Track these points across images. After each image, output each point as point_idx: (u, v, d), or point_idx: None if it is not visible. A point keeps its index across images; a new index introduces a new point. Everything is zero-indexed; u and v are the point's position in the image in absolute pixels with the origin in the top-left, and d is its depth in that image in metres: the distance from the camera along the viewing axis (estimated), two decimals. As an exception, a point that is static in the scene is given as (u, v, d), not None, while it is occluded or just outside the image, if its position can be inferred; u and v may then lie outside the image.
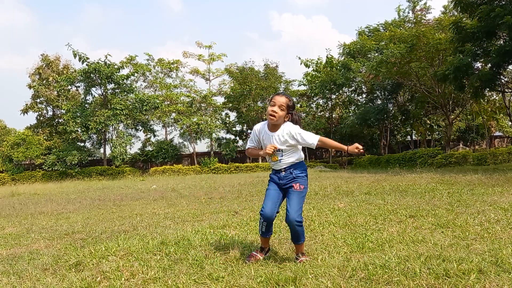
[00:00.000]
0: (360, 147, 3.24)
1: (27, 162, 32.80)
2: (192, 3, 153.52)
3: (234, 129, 36.97)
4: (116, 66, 30.31)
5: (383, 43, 27.87)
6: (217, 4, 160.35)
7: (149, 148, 36.55)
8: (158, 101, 32.28)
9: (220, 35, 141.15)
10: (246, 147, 3.61)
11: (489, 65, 17.35)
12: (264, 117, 34.06)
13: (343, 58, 32.41)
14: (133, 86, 33.12)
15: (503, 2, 16.03)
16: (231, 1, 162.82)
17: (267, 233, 3.43)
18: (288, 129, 3.38)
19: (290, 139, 3.35)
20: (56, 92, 32.68)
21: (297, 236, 3.35)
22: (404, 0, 46.77)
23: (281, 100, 3.34)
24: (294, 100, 3.42)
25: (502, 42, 17.17)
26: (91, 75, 29.45)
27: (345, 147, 3.33)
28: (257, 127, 3.54)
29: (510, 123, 34.05)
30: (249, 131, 37.30)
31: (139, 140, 37.62)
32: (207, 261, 3.44)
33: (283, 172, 3.41)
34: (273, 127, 3.42)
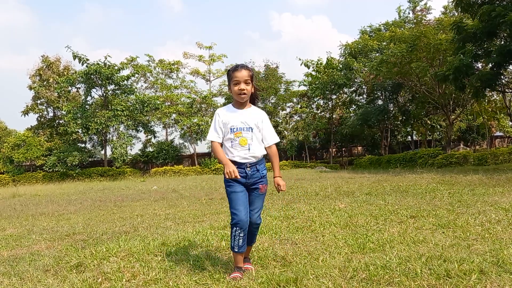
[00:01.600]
0: (283, 189, 3.14)
1: (28, 163, 32.86)
2: (192, 3, 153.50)
3: (234, 129, 36.95)
4: (116, 67, 30.36)
5: (384, 43, 27.90)
6: (217, 4, 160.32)
7: (149, 149, 36.60)
8: (158, 102, 32.32)
9: (220, 35, 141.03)
10: (210, 139, 3.13)
11: (490, 65, 17.33)
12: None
13: (344, 58, 32.43)
14: (134, 87, 33.17)
15: (504, 2, 16.02)
16: (231, 1, 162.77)
17: (243, 246, 3.01)
18: (262, 114, 3.20)
19: (259, 122, 3.14)
20: (56, 93, 32.72)
21: (253, 238, 3.24)
22: (405, 0, 46.83)
23: (244, 74, 3.05)
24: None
25: (502, 42, 17.16)
26: (91, 76, 29.51)
27: (277, 173, 3.20)
28: (221, 110, 3.15)
29: (510, 123, 34.02)
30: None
31: (140, 141, 37.69)
32: (208, 262, 3.44)
33: (249, 169, 3.07)
34: (240, 105, 3.14)
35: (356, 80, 31.59)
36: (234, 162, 3.05)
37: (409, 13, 33.84)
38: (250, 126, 3.09)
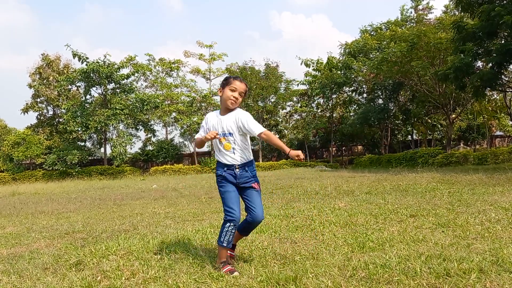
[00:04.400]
0: (302, 156, 3.07)
1: (28, 162, 32.86)
2: (192, 3, 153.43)
3: (234, 128, 36.95)
4: (116, 66, 30.32)
5: (385, 42, 27.85)
6: (217, 4, 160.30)
7: (149, 147, 36.58)
8: (158, 101, 32.29)
9: (221, 35, 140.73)
10: (195, 137, 3.50)
11: (490, 64, 17.31)
12: (264, 116, 34.14)
13: (344, 57, 32.41)
14: (133, 86, 33.12)
15: (504, 2, 15.99)
16: (231, 1, 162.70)
17: (231, 241, 3.23)
18: (238, 113, 3.32)
19: (238, 122, 3.27)
20: (56, 91, 32.71)
21: (249, 231, 3.44)
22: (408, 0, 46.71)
23: (242, 87, 3.32)
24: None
25: (503, 41, 17.13)
26: (91, 74, 29.48)
27: (287, 149, 3.12)
28: (209, 115, 3.45)
29: (511, 122, 34.01)
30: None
31: (140, 139, 37.66)
32: (208, 261, 3.44)
33: (238, 169, 3.27)
34: (225, 111, 3.36)
35: (356, 79, 31.56)
36: (224, 165, 3.31)
37: (411, 12, 33.81)
38: (230, 131, 3.30)
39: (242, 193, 3.31)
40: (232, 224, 3.16)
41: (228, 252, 3.33)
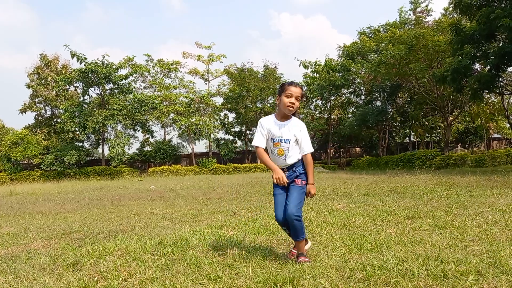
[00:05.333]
0: (313, 193, 3.38)
1: (25, 162, 32.78)
2: (193, 3, 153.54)
3: (232, 129, 36.95)
4: (114, 66, 30.27)
5: (383, 44, 27.90)
6: (218, 3, 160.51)
7: (147, 148, 36.50)
8: (156, 102, 32.25)
9: (222, 34, 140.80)
10: (256, 145, 3.47)
11: (488, 67, 17.36)
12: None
13: (342, 59, 32.45)
14: (132, 87, 33.08)
15: (503, 4, 16.04)
16: (232, 1, 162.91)
17: (292, 235, 3.43)
18: (299, 124, 3.42)
19: (297, 133, 3.38)
20: (54, 92, 32.64)
21: (295, 232, 3.33)
22: (407, 2, 46.86)
23: (298, 91, 3.37)
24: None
25: (501, 44, 17.18)
26: (89, 75, 29.42)
27: (311, 180, 3.38)
28: (264, 120, 3.50)
29: (508, 125, 34.09)
30: (248, 131, 37.25)
31: (138, 140, 37.59)
32: (205, 261, 3.43)
33: (286, 172, 3.41)
34: (283, 117, 3.43)
35: (354, 81, 31.60)
36: None
37: (410, 15, 33.89)
38: (288, 138, 3.39)
39: (288, 189, 3.43)
40: (277, 223, 3.48)
41: (299, 259, 3.35)
